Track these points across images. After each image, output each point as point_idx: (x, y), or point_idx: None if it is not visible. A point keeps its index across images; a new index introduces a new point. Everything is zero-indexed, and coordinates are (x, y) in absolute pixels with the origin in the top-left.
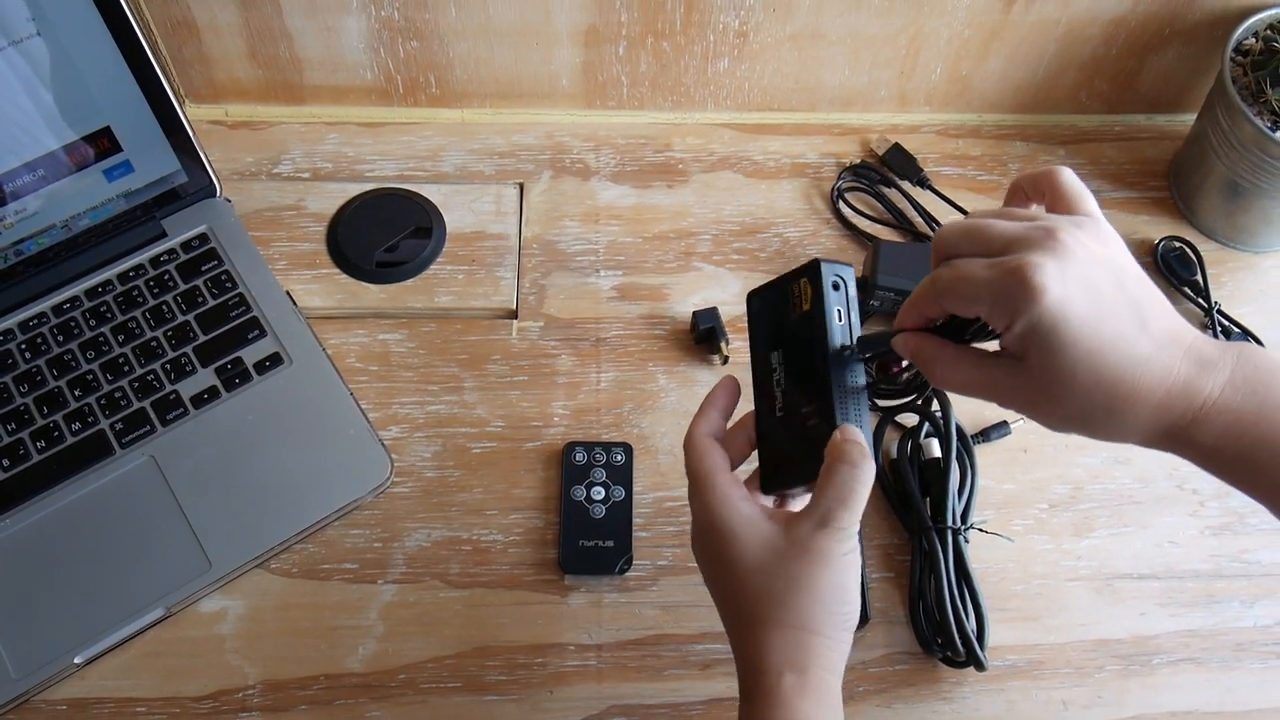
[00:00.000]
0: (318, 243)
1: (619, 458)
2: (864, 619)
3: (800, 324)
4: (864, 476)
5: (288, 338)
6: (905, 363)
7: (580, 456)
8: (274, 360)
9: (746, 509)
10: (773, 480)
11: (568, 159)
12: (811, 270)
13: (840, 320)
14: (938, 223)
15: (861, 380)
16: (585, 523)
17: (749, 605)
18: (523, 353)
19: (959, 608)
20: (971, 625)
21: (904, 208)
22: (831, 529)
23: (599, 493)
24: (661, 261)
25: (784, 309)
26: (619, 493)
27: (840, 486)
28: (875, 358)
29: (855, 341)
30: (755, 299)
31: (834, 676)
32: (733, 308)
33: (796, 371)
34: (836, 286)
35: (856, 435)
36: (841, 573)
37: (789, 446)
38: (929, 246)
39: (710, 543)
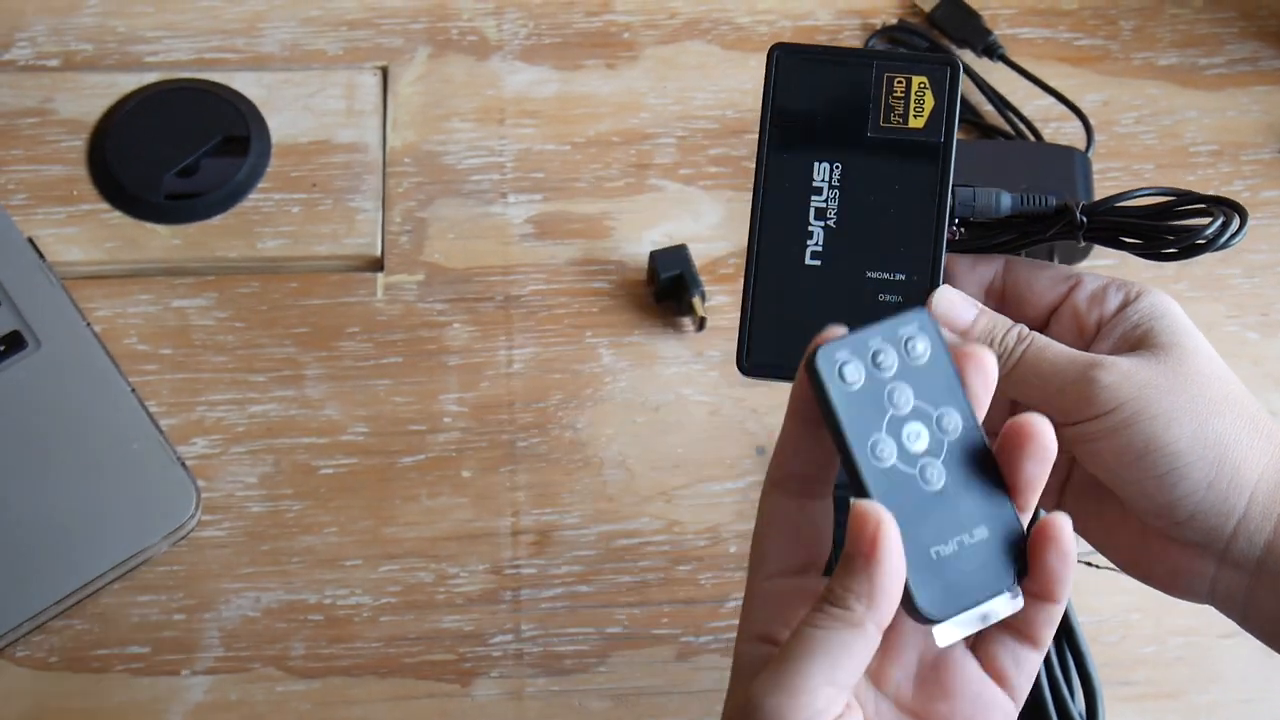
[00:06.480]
0: (75, 165)
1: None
2: None
3: (899, 143)
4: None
5: (32, 308)
6: (958, 226)
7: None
8: (12, 342)
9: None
10: (769, 352)
11: (454, 28)
12: (940, 70)
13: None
14: (1013, 109)
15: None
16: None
17: None
18: (394, 322)
19: (1059, 680)
20: (1078, 707)
21: (965, 89)
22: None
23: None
24: (601, 180)
25: (858, 105)
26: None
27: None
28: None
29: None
30: (792, 61)
31: None
32: (709, 245)
33: (873, 210)
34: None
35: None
36: None
37: (825, 316)
38: (1004, 146)
39: None
